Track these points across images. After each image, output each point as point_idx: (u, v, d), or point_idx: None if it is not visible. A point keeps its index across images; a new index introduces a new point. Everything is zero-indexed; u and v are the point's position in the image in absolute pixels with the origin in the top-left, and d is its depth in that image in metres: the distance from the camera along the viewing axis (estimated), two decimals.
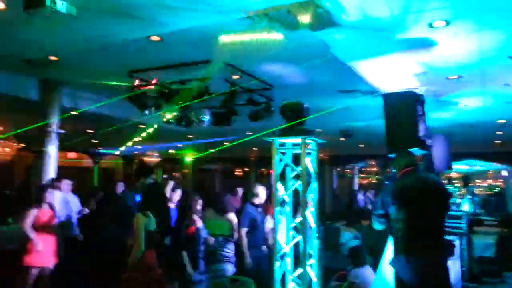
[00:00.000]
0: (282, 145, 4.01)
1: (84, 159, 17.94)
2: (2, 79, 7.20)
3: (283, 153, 4.00)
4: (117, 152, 13.88)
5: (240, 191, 8.31)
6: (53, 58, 6.14)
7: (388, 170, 20.40)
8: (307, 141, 3.81)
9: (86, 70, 6.99)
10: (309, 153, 3.87)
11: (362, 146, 14.95)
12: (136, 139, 10.61)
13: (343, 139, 11.66)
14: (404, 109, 4.36)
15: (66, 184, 7.11)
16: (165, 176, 19.47)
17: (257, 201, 6.01)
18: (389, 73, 5.38)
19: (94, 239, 6.93)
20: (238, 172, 22.30)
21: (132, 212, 5.35)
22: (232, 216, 5.42)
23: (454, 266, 5.15)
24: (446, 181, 6.90)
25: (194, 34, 5.04)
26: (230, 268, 5.17)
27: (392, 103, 4.51)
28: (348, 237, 9.87)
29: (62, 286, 5.80)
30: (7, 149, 9.84)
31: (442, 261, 3.57)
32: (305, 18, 4.09)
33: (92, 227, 7.15)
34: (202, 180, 19.88)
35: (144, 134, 10.77)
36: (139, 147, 13.65)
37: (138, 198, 6.52)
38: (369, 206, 16.70)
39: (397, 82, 5.31)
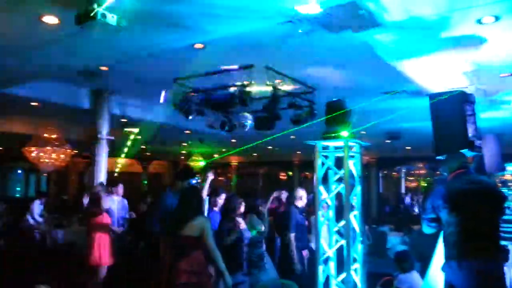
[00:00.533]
0: (325, 148, 3.99)
1: (134, 164, 18.62)
2: (58, 90, 7.64)
3: (326, 156, 3.98)
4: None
5: (284, 194, 8.31)
6: (103, 68, 6.45)
7: (437, 172, 19.76)
8: (350, 143, 3.77)
9: (133, 78, 7.28)
10: (352, 156, 3.83)
11: (409, 148, 14.52)
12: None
13: (389, 141, 11.39)
14: (452, 109, 4.21)
15: (121, 188, 7.42)
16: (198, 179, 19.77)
17: (300, 204, 6.02)
18: (436, 72, 5.22)
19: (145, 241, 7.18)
20: (282, 176, 22.31)
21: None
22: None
23: (509, 272, 4.89)
24: (500, 184, 6.56)
25: (236, 40, 5.13)
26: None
27: (439, 103, 4.36)
28: (395, 242, 9.61)
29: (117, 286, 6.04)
30: (62, 156, 10.36)
31: (497, 267, 3.41)
32: (346, 20, 4.07)
33: (142, 231, 7.40)
34: (245, 184, 20.05)
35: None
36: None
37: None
38: (417, 210, 16.24)
39: (444, 82, 5.13)
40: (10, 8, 3.98)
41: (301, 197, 6.25)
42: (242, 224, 4.99)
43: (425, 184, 20.66)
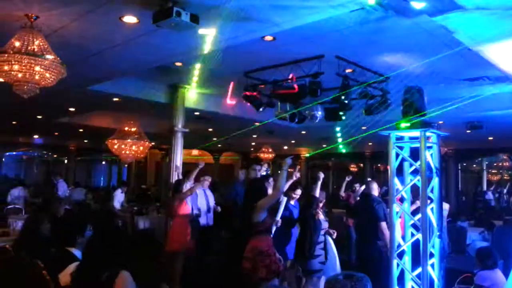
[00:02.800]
0: (399, 138, 3.85)
1: (205, 156, 19.27)
2: (137, 86, 8.11)
3: (401, 147, 3.84)
4: None
5: (358, 186, 8.19)
6: (178, 64, 6.73)
7: None
8: (428, 133, 3.61)
9: (206, 73, 7.51)
10: (429, 147, 3.67)
11: (491, 138, 13.51)
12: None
13: (469, 131, 10.69)
14: None
15: (206, 180, 7.63)
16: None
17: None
18: None
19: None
20: (352, 167, 21.84)
21: None
22: None
23: None
24: None
25: (306, 30, 5.09)
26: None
27: None
28: (475, 238, 9.05)
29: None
30: (141, 148, 10.97)
31: None
32: (422, 4, 3.88)
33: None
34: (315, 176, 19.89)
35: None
36: None
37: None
38: (502, 205, 15.14)
39: None
40: (93, 11, 4.28)
41: (375, 189, 6.16)
42: (320, 215, 5.08)
43: (509, 178, 19.18)
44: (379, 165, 20.27)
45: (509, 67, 5.04)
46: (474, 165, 19.09)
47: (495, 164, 19.68)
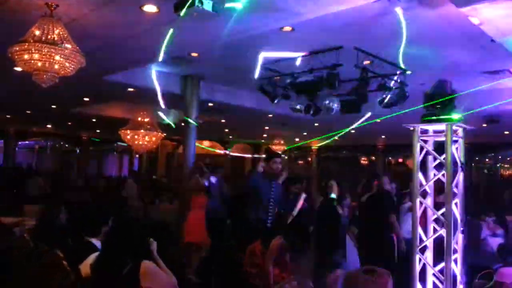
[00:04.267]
0: (423, 132, 3.78)
1: (216, 148, 19.27)
2: (152, 76, 8.06)
3: (425, 141, 3.77)
4: None
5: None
6: (194, 54, 6.67)
7: None
8: (454, 127, 3.53)
9: (222, 64, 7.45)
10: (456, 141, 3.59)
11: (507, 132, 13.32)
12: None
13: (485, 125, 10.54)
14: None
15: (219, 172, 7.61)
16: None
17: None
18: None
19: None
20: (364, 160, 21.71)
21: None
22: None
23: None
24: None
25: (325, 21, 5.00)
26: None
27: None
28: (489, 233, 8.94)
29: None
30: (153, 138, 11.00)
31: None
32: None
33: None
34: (326, 168, 19.82)
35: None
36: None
37: None
38: None
39: None
40: (114, 0, 4.24)
41: (387, 183, 6.15)
42: (340, 209, 5.08)
43: None
44: (389, 158, 20.13)
45: None
46: (487, 159, 18.87)
47: (508, 159, 19.44)
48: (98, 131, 16.87)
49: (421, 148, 3.76)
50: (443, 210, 3.65)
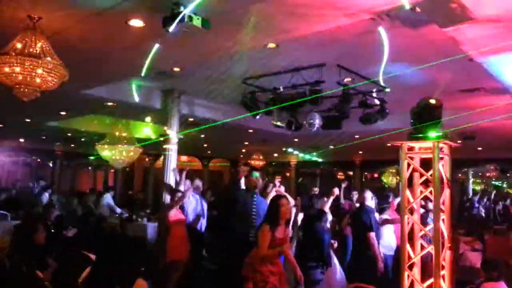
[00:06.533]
0: (410, 149, 3.83)
1: (193, 162, 19.09)
2: (132, 91, 7.95)
3: (411, 158, 3.82)
4: None
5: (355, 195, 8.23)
6: (176, 69, 6.62)
7: (508, 175, 18.50)
8: (440, 145, 3.59)
9: (203, 79, 7.41)
10: (441, 158, 3.65)
11: (480, 149, 13.71)
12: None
13: (459, 142, 10.81)
14: None
15: (197, 181, 7.53)
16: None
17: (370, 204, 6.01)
18: None
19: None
20: (340, 175, 21.91)
21: None
22: None
23: None
24: None
25: (309, 38, 5.04)
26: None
27: None
28: (468, 248, 9.10)
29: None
30: (131, 153, 10.80)
31: None
32: (434, 15, 3.89)
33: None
34: (304, 183, 19.91)
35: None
36: None
37: None
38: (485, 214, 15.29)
39: None
40: (100, 14, 4.17)
41: (368, 198, 6.23)
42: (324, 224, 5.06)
43: (494, 187, 19.50)
44: (365, 173, 20.39)
45: (510, 78, 5.10)
46: (460, 174, 19.34)
47: (479, 174, 20.00)
48: (73, 145, 16.47)
49: (408, 165, 3.81)
50: (430, 226, 3.69)
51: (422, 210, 4.60)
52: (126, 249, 2.83)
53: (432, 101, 3.64)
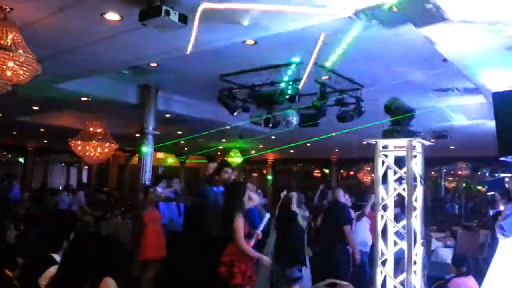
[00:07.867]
0: (384, 147, 3.89)
1: (169, 159, 18.92)
2: (107, 86, 7.81)
3: (386, 155, 3.88)
4: None
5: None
6: (153, 64, 6.54)
7: (478, 173, 19.06)
8: (413, 143, 3.66)
9: (181, 75, 7.35)
10: (415, 156, 3.72)
11: (453, 147, 14.07)
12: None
13: (433, 140, 11.07)
14: None
15: (175, 183, 7.46)
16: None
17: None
18: (500, 69, 4.99)
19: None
20: (316, 173, 22.13)
21: None
22: None
23: None
24: None
25: (287, 36, 5.06)
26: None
27: (504, 101, 4.19)
28: (440, 244, 9.34)
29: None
30: (106, 150, 10.58)
31: None
32: (410, 15, 3.96)
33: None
34: (280, 181, 20.01)
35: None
36: None
37: None
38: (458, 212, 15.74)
39: (507, 79, 4.92)
40: (73, 5, 4.07)
41: (341, 195, 6.32)
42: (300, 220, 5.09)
43: (466, 185, 20.06)
44: (341, 171, 20.66)
45: (482, 79, 5.23)
46: (432, 172, 19.81)
47: (452, 172, 20.51)
48: (45, 141, 16.07)
49: (382, 162, 3.86)
50: (403, 222, 3.75)
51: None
52: (96, 247, 2.73)
53: (401, 101, 3.71)
